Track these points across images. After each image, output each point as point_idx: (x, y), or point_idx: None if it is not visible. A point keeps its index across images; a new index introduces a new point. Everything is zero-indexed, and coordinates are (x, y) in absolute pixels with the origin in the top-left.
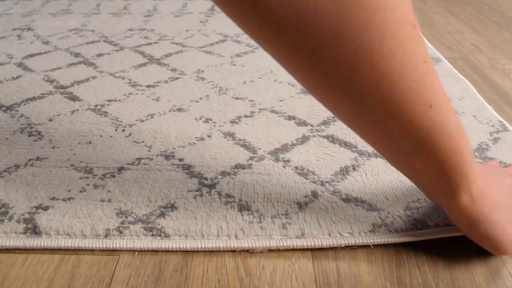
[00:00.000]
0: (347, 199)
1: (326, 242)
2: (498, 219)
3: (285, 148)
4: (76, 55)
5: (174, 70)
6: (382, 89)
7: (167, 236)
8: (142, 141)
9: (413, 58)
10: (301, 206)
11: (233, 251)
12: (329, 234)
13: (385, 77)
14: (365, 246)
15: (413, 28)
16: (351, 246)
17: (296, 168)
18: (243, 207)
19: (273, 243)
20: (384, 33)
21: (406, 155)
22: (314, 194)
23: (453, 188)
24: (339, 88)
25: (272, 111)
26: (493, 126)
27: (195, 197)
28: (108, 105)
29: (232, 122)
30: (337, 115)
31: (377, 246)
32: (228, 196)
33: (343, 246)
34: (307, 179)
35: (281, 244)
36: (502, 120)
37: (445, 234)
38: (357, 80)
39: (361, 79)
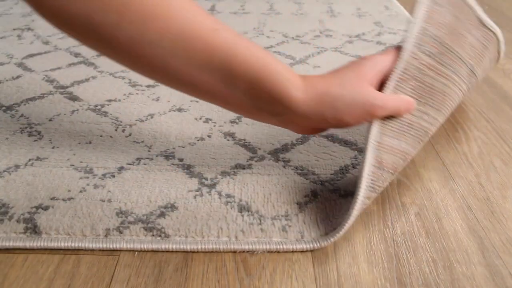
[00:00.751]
0: (345, 195)
1: (325, 243)
2: (350, 92)
3: (285, 148)
4: (76, 55)
5: None
6: (168, 31)
7: (167, 236)
8: (142, 141)
9: (180, 3)
10: (301, 206)
11: (233, 252)
12: (326, 234)
13: (166, 21)
14: (365, 246)
15: None
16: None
17: (296, 168)
18: (243, 208)
19: (272, 246)
20: None
21: (227, 81)
22: (314, 194)
23: (283, 90)
24: (135, 48)
25: None
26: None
27: (195, 197)
28: (108, 105)
29: (232, 122)
30: (160, 79)
31: (377, 246)
32: (228, 196)
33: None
34: (307, 179)
35: (281, 247)
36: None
37: None
38: (145, 35)
39: (148, 33)
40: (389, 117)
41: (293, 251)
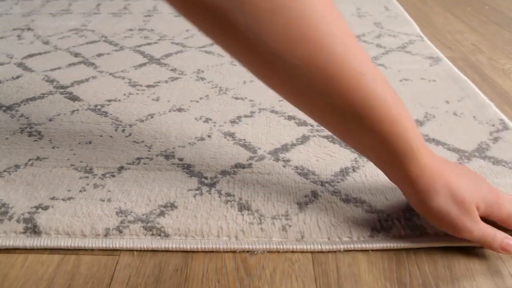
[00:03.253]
0: (347, 200)
1: (326, 246)
2: (452, 198)
3: (285, 148)
4: (76, 55)
5: (174, 70)
6: (316, 59)
7: (167, 235)
8: (142, 141)
9: (339, 30)
10: (301, 206)
11: (233, 252)
12: (328, 238)
13: (317, 47)
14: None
15: (331, 7)
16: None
17: (296, 168)
18: (243, 207)
19: (273, 245)
20: (309, 8)
21: (351, 129)
22: (314, 194)
23: (400, 159)
24: (279, 64)
25: (272, 111)
26: (493, 125)
27: (195, 196)
28: (108, 105)
29: (232, 122)
30: (283, 95)
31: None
32: (228, 195)
33: (341, 250)
34: (307, 179)
35: (281, 247)
36: (503, 117)
37: (443, 244)
38: (294, 54)
39: (296, 52)
40: None
41: (293, 251)
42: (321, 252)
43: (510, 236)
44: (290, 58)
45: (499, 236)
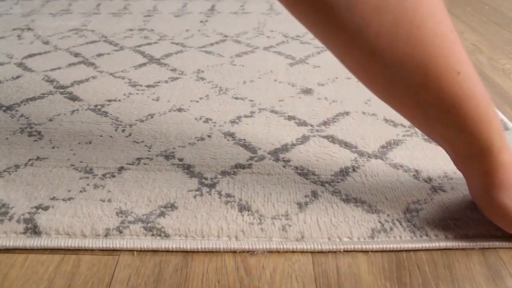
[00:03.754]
0: (347, 199)
1: (326, 246)
2: None
3: (285, 148)
4: (76, 55)
5: (174, 70)
6: (417, 57)
7: (167, 236)
8: (142, 141)
9: (442, 27)
10: (301, 206)
11: (233, 252)
12: (329, 238)
13: (419, 45)
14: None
15: (437, 1)
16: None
17: (296, 168)
18: (243, 207)
19: (273, 245)
20: (416, 5)
21: (434, 123)
22: (314, 194)
23: (478, 154)
24: (378, 61)
25: (272, 111)
26: None
27: (195, 197)
28: (108, 105)
29: (232, 122)
30: (372, 89)
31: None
32: (228, 195)
33: (342, 250)
34: (307, 179)
35: (281, 247)
36: (503, 117)
37: (443, 245)
38: (395, 51)
39: (398, 50)
40: None
41: (293, 251)
42: (321, 252)
43: None
44: (391, 55)
45: None
